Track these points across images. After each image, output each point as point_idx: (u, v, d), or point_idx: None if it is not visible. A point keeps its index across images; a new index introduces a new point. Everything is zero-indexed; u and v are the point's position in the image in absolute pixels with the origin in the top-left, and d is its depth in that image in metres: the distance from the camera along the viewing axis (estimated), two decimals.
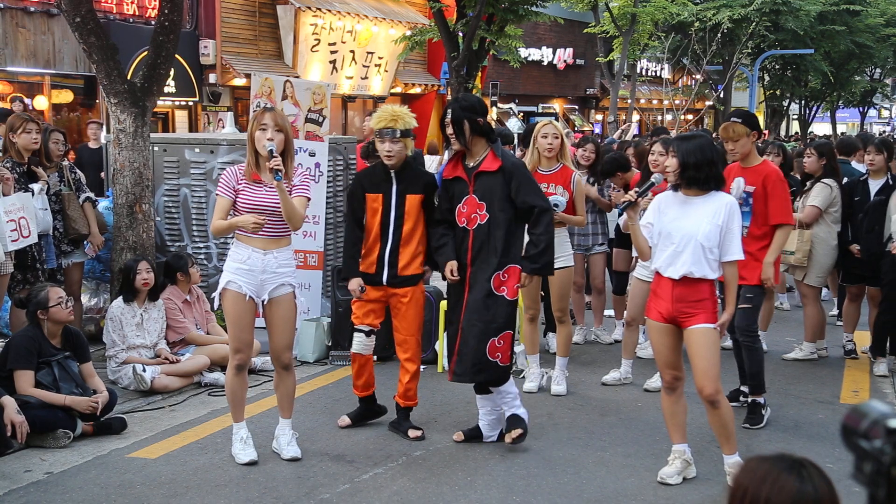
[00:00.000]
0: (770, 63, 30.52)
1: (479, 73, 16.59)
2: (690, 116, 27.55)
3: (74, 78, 15.25)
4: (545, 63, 28.64)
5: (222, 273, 4.92)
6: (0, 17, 13.75)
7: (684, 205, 4.61)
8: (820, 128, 43.68)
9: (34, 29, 14.34)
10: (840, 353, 7.55)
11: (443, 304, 7.01)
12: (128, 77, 7.52)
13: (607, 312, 8.16)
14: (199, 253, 7.55)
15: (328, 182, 7.72)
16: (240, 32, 18.10)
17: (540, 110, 27.71)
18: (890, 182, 7.20)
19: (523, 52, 23.34)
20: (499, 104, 23.14)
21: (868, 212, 7.13)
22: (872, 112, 46.60)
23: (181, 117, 17.63)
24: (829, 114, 38.88)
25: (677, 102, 25.01)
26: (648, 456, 5.12)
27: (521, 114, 24.34)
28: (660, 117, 28.45)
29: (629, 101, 24.66)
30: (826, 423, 5.78)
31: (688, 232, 4.52)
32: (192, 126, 17.67)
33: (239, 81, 17.41)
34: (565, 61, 29.41)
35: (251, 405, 5.67)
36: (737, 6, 25.37)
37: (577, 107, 31.06)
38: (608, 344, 7.83)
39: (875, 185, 7.28)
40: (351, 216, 5.42)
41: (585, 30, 24.96)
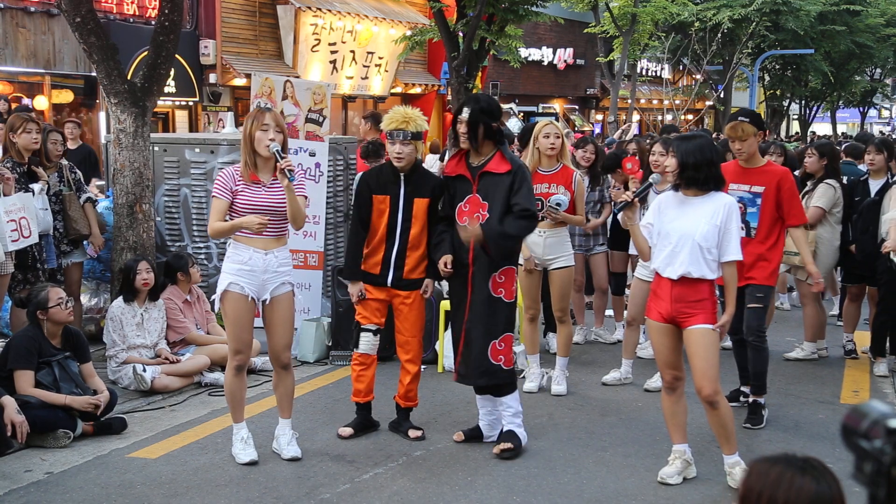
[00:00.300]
0: (770, 63, 30.52)
1: (480, 73, 16.57)
2: (690, 116, 27.56)
3: (74, 78, 15.23)
4: (545, 63, 28.62)
5: (221, 275, 4.89)
6: (0, 17, 13.74)
7: (683, 205, 4.61)
8: (820, 128, 43.65)
9: (34, 29, 14.33)
10: (840, 353, 7.55)
11: (443, 305, 7.02)
12: (128, 77, 7.53)
13: (607, 313, 8.17)
14: (200, 253, 7.55)
15: (328, 182, 7.71)
16: (240, 32, 18.09)
17: (540, 110, 27.67)
18: (889, 182, 7.20)
19: (523, 52, 23.33)
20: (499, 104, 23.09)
21: (862, 213, 7.12)
22: (873, 112, 46.59)
23: (181, 117, 17.62)
24: (830, 114, 38.88)
25: (677, 102, 25.03)
26: (649, 456, 5.12)
27: (522, 114, 24.32)
28: (660, 117, 28.43)
29: (629, 101, 24.64)
30: (826, 423, 5.78)
31: (686, 232, 4.52)
32: (193, 126, 17.66)
33: (239, 81, 17.40)
34: (565, 61, 29.38)
35: (251, 405, 5.67)
36: (737, 6, 25.36)
37: (578, 107, 31.04)
38: (610, 344, 7.84)
39: (875, 186, 7.28)
40: (357, 217, 5.37)
41: (586, 30, 24.95)
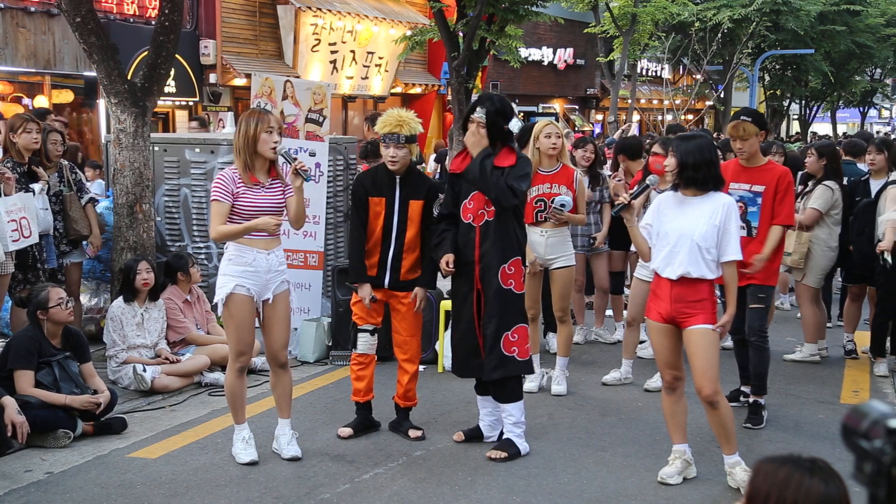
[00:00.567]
0: (770, 63, 30.48)
1: (480, 73, 16.55)
2: (691, 116, 27.54)
3: (75, 78, 15.21)
4: (545, 63, 28.60)
5: (222, 278, 4.83)
6: (0, 17, 13.73)
7: (682, 205, 4.61)
8: (820, 128, 43.62)
9: (34, 29, 14.32)
10: (840, 353, 7.55)
11: (443, 305, 7.02)
12: (128, 77, 7.53)
13: (608, 313, 8.16)
14: (200, 253, 7.55)
15: (328, 182, 7.72)
16: (240, 32, 18.08)
17: (540, 110, 27.66)
18: (888, 182, 7.18)
19: (523, 52, 23.32)
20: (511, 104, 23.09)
21: (858, 214, 7.12)
22: (873, 112, 46.56)
23: (181, 117, 17.61)
24: (830, 114, 38.84)
25: (677, 102, 24.99)
26: (649, 456, 5.12)
27: (522, 114, 24.32)
28: (660, 117, 28.41)
29: (629, 101, 24.62)
30: (826, 423, 5.78)
31: (684, 232, 4.52)
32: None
33: (239, 81, 17.39)
34: (565, 61, 29.37)
35: (251, 405, 5.66)
36: (737, 6, 25.34)
37: (578, 107, 31.03)
38: (610, 344, 7.84)
39: (876, 186, 7.26)
40: (356, 219, 5.35)
41: (586, 30, 24.92)
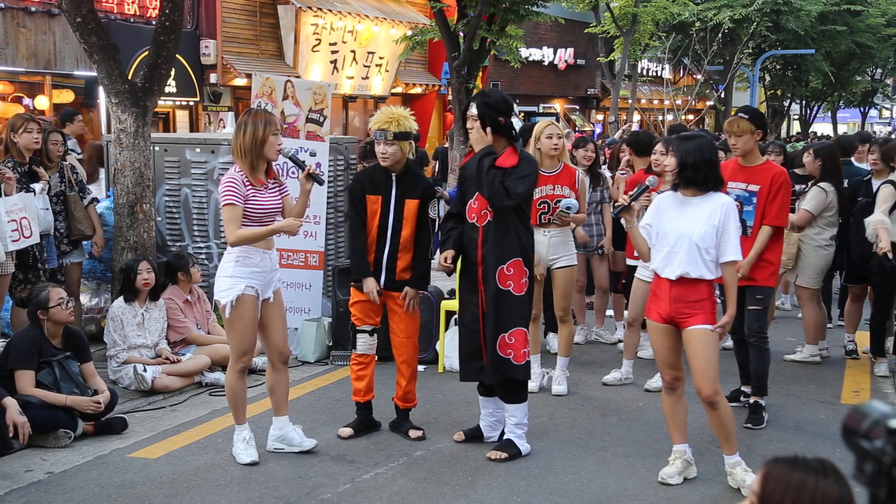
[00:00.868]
0: (771, 63, 30.49)
1: (480, 73, 16.57)
2: (691, 116, 27.54)
3: (75, 78, 15.23)
4: (546, 63, 28.60)
5: (229, 280, 4.81)
6: (1, 17, 13.73)
7: (682, 205, 4.60)
8: (821, 128, 43.60)
9: (35, 29, 14.32)
10: (841, 354, 7.55)
11: (443, 304, 7.02)
12: (129, 77, 7.54)
13: (608, 313, 8.16)
14: (200, 253, 7.55)
15: (329, 182, 7.72)
16: (241, 32, 18.09)
17: (541, 110, 27.67)
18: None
19: (524, 52, 23.32)
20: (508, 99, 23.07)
21: (857, 214, 7.12)
22: (873, 112, 46.57)
23: (182, 117, 17.62)
24: (830, 114, 38.85)
25: (678, 102, 25.01)
26: (649, 456, 5.12)
27: (522, 114, 24.33)
28: (661, 117, 28.41)
29: (630, 102, 24.64)
30: (827, 424, 5.77)
31: (683, 232, 4.52)
32: (193, 126, 17.66)
33: (240, 81, 17.39)
34: (566, 61, 29.38)
35: (251, 405, 5.65)
36: (738, 6, 25.34)
37: (578, 107, 31.04)
38: (611, 344, 7.83)
39: (878, 186, 7.25)
40: (355, 217, 5.37)
41: (586, 30, 24.92)
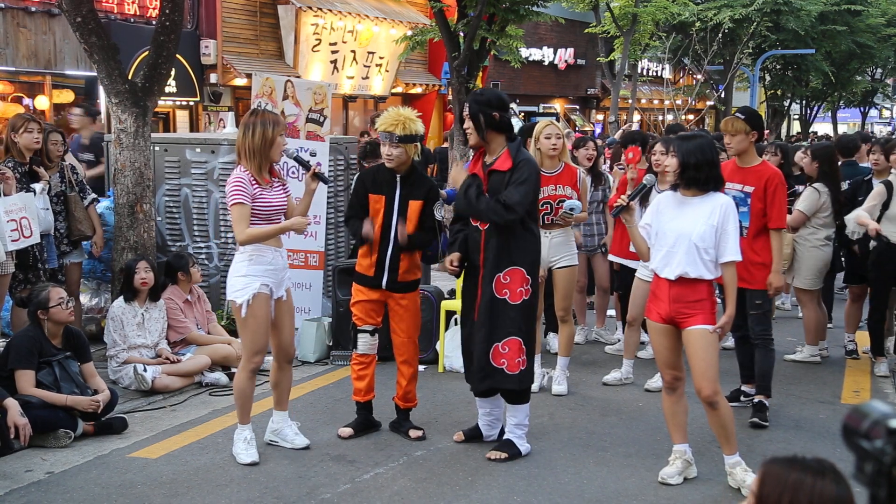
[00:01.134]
0: (771, 63, 30.46)
1: (480, 73, 16.57)
2: (691, 116, 27.54)
3: (75, 78, 15.22)
4: (546, 63, 28.58)
5: (244, 279, 4.82)
6: (1, 17, 13.73)
7: (681, 205, 4.61)
8: (821, 128, 43.59)
9: (35, 29, 14.32)
10: (841, 353, 7.55)
11: (444, 304, 7.02)
12: (129, 77, 7.54)
13: (609, 313, 8.16)
14: (200, 253, 7.56)
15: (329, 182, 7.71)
16: (241, 32, 18.08)
17: (541, 110, 27.65)
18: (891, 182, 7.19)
19: (524, 52, 23.31)
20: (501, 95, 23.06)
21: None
22: (873, 112, 46.56)
23: (182, 117, 17.61)
24: (830, 114, 38.83)
25: (678, 102, 24.99)
26: (649, 456, 5.12)
27: (522, 114, 24.31)
28: (661, 117, 28.41)
29: (630, 102, 24.61)
30: (827, 424, 5.78)
31: (682, 232, 4.52)
32: (193, 126, 17.65)
33: (240, 81, 17.38)
34: (566, 61, 29.36)
35: (253, 405, 5.66)
36: (738, 6, 25.32)
37: (578, 107, 31.02)
38: (612, 344, 7.81)
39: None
40: (356, 210, 5.34)
41: (586, 30, 24.89)
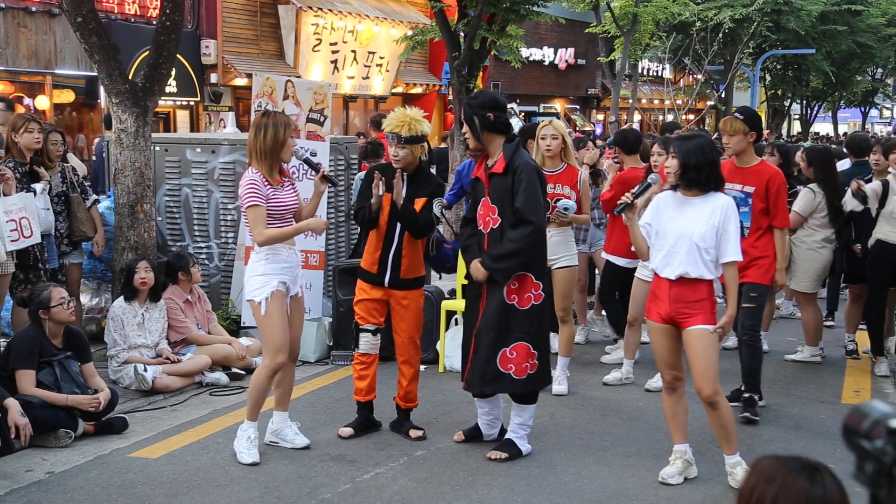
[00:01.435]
0: (771, 63, 30.47)
1: (481, 73, 16.53)
2: (692, 116, 27.54)
3: (76, 78, 15.23)
4: (546, 63, 28.59)
5: (261, 278, 4.85)
6: (1, 17, 13.74)
7: (682, 205, 4.60)
8: (821, 128, 43.60)
9: (35, 29, 14.33)
10: (841, 353, 7.55)
11: (444, 304, 7.02)
12: (129, 77, 7.53)
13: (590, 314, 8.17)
14: (201, 253, 7.56)
15: None
16: (241, 32, 18.09)
17: (541, 110, 27.65)
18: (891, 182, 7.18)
19: (524, 52, 23.31)
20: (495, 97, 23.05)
21: (856, 216, 7.15)
22: (874, 112, 46.56)
23: (182, 117, 17.61)
24: (831, 114, 38.85)
25: (678, 102, 24.99)
26: (650, 456, 5.12)
27: (523, 114, 24.31)
28: (661, 117, 28.40)
29: (630, 101, 24.60)
30: (827, 423, 5.78)
31: (683, 232, 4.52)
32: (194, 126, 17.66)
33: (240, 81, 17.40)
34: (566, 61, 29.36)
35: None
36: (738, 6, 25.32)
37: (579, 107, 31.02)
38: (612, 341, 7.79)
39: None
40: (362, 204, 5.32)
41: (587, 30, 24.87)
